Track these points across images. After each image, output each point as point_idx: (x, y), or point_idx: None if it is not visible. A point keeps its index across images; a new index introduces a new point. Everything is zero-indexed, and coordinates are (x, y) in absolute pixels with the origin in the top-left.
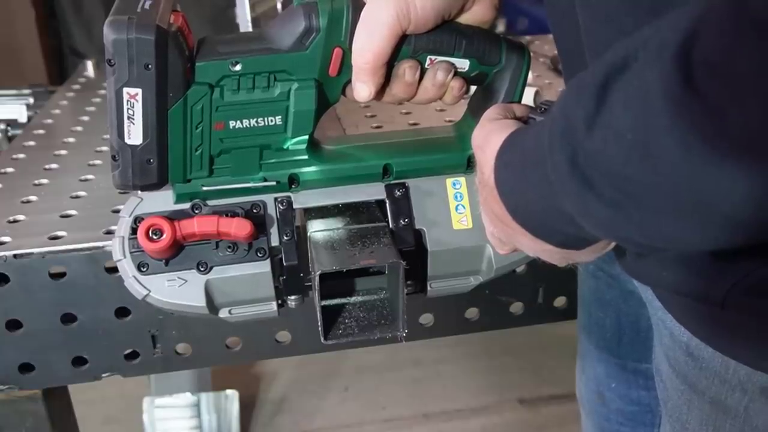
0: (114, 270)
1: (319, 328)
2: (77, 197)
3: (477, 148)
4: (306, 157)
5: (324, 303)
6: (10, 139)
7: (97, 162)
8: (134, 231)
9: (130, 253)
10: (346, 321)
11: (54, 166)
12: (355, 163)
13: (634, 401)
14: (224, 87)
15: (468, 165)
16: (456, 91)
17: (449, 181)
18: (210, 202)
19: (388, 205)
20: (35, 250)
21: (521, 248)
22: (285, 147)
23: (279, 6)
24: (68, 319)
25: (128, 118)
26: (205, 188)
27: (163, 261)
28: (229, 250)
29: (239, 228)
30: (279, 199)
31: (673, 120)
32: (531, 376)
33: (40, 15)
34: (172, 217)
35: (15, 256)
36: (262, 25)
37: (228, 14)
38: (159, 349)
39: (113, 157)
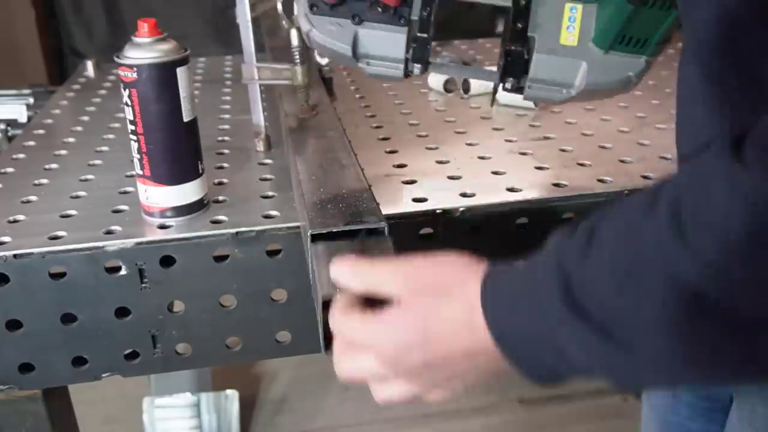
0: (114, 270)
1: (320, 342)
2: (77, 197)
3: (441, 288)
4: None
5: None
6: (10, 139)
7: (97, 162)
8: None
9: None
10: None
11: (54, 166)
12: None
13: (711, 397)
14: None
15: None
16: None
17: (568, 5)
18: None
19: (512, 10)
20: (35, 250)
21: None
22: None
23: (279, 6)
24: (68, 319)
25: None
26: None
27: (329, 5)
28: (379, 9)
29: None
30: None
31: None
32: None
33: (40, 15)
34: None
35: (15, 256)
36: (261, 26)
37: (228, 14)
38: (159, 349)
39: None
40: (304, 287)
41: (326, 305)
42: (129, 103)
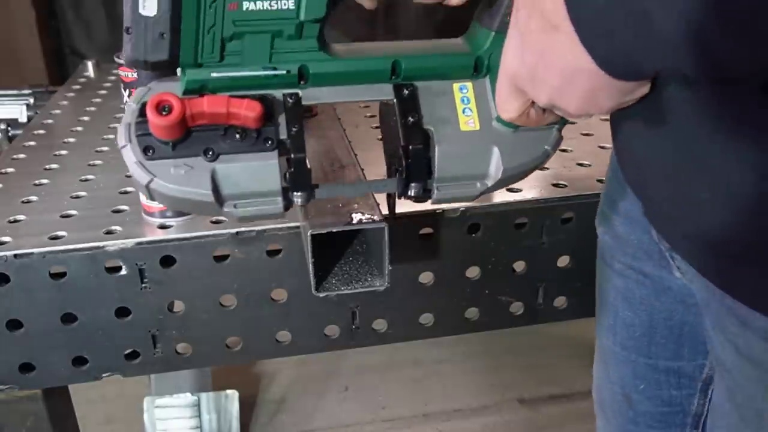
0: (114, 270)
1: (311, 281)
2: (77, 197)
3: None
4: (316, 48)
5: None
6: (10, 139)
7: (97, 162)
8: (141, 114)
9: (136, 136)
10: (336, 277)
11: (54, 166)
12: (364, 59)
13: (665, 402)
14: None
15: (475, 69)
16: None
17: (456, 85)
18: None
19: (396, 104)
20: (35, 250)
21: (546, 79)
22: (296, 35)
23: None
24: (68, 319)
25: None
26: (214, 75)
27: (170, 144)
28: (237, 136)
29: (249, 108)
30: (288, 95)
31: None
32: (531, 376)
33: (40, 15)
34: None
35: (15, 256)
36: None
37: None
38: (159, 349)
39: (126, 30)
40: (304, 287)
41: (314, 239)
42: None
